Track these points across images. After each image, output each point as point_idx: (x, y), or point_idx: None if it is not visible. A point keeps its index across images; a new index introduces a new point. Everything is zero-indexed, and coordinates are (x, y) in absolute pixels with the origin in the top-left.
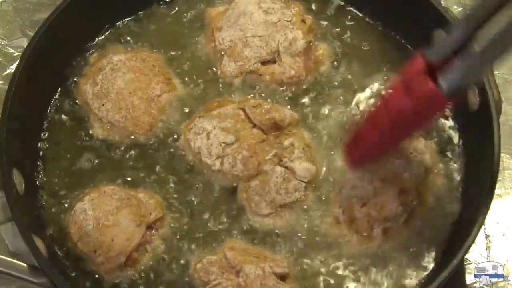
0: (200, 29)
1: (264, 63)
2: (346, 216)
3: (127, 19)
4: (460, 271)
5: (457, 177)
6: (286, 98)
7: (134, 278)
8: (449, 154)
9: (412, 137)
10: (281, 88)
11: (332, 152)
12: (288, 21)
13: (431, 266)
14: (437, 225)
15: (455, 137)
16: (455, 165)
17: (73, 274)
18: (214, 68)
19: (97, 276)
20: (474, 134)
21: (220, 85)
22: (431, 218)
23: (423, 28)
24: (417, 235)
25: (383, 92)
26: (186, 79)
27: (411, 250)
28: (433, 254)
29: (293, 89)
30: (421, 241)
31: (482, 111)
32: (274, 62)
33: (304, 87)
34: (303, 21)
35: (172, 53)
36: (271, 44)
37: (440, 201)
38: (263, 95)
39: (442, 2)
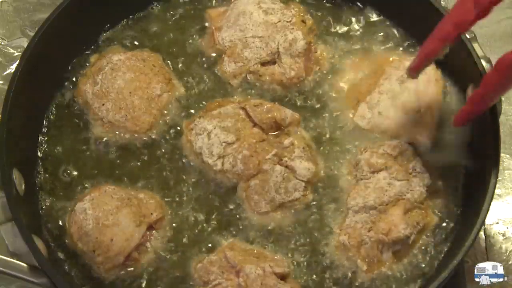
0: (200, 29)
1: (264, 64)
2: (353, 241)
3: (127, 19)
4: (460, 271)
5: (457, 177)
6: (286, 98)
7: (134, 277)
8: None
9: (410, 158)
10: (281, 89)
11: (332, 152)
12: (288, 22)
13: (431, 266)
14: (440, 230)
15: (455, 137)
16: (455, 164)
17: (73, 274)
18: (214, 69)
19: (97, 275)
20: (474, 134)
21: (220, 85)
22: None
23: (423, 27)
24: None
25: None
26: (186, 79)
27: (416, 263)
28: (434, 254)
29: (293, 90)
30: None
31: None
32: (274, 63)
33: (304, 87)
34: (303, 21)
35: (172, 53)
36: (271, 45)
37: (443, 212)
38: (263, 95)
39: (442, 2)
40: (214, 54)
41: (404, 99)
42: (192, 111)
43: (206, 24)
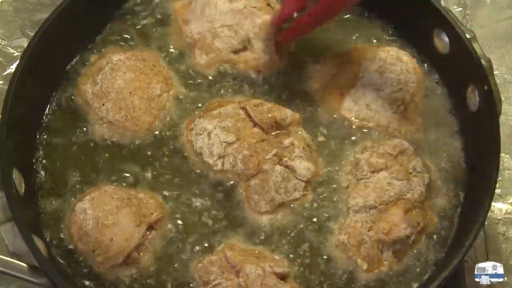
0: None
1: (236, 51)
2: (353, 241)
3: (127, 18)
4: (460, 271)
5: (457, 177)
6: (266, 83)
7: (134, 277)
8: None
9: (411, 157)
10: (258, 74)
11: (332, 152)
12: (253, 7)
13: (431, 266)
14: (440, 230)
15: (455, 137)
16: (455, 164)
17: (73, 274)
18: (186, 62)
19: (97, 275)
20: (474, 134)
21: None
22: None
23: (423, 27)
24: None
25: None
26: (186, 78)
27: (416, 263)
28: (434, 255)
29: (270, 73)
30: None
31: (482, 111)
32: (247, 49)
33: (280, 69)
34: (268, 5)
35: (172, 52)
36: (241, 32)
37: (443, 212)
38: (242, 85)
39: (442, 2)
40: (186, 48)
41: (389, 91)
42: (192, 110)
43: (173, 18)
